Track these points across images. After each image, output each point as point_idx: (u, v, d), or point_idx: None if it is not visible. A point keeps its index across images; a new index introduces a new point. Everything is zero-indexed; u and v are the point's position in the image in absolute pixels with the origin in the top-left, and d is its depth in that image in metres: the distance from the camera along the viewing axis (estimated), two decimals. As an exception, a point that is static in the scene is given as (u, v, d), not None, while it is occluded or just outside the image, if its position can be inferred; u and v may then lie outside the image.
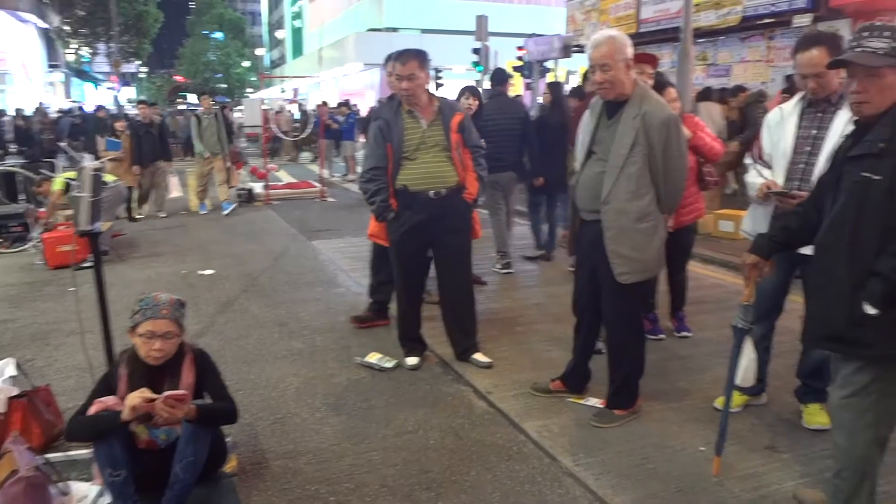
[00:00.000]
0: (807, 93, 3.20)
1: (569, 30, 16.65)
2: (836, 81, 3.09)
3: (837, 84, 3.09)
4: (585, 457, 3.20)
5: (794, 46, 3.21)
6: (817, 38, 3.09)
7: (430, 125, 4.04)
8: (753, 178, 3.38)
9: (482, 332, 4.57)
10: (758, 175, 3.36)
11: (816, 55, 3.03)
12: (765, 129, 3.42)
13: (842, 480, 2.47)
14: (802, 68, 3.11)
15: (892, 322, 2.22)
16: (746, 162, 3.55)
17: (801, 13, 10.56)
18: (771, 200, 3.26)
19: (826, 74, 3.04)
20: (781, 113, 3.34)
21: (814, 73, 3.07)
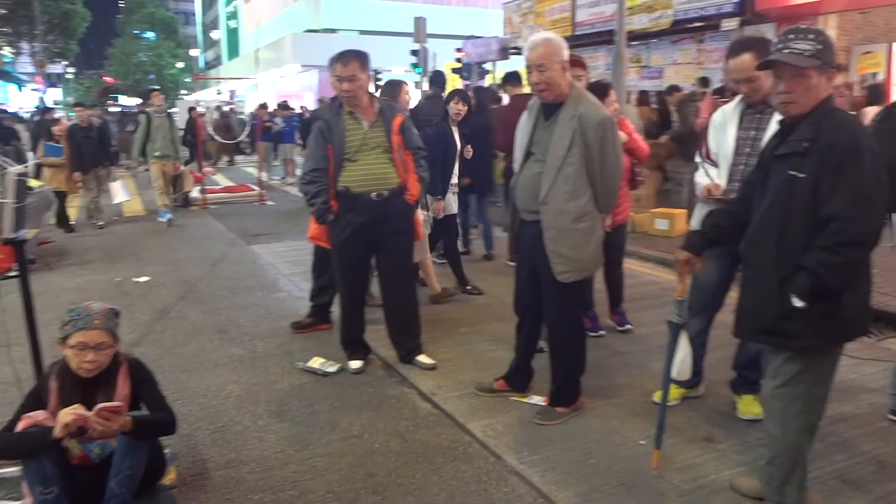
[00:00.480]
0: (743, 96, 3.32)
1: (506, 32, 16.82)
2: (769, 84, 3.21)
3: (770, 86, 3.22)
4: (530, 454, 3.23)
5: (726, 52, 3.32)
6: (747, 44, 3.21)
7: (371, 127, 4.02)
8: (701, 177, 3.49)
9: (426, 334, 4.56)
10: (704, 175, 3.47)
11: (748, 60, 3.14)
12: (711, 130, 3.53)
13: (775, 468, 2.57)
14: (735, 73, 3.22)
15: (818, 314, 2.33)
16: (696, 161, 3.66)
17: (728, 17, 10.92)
18: (713, 203, 3.36)
19: (758, 78, 3.16)
20: (724, 115, 3.45)
21: (746, 78, 3.19)
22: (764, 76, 3.15)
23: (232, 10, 51.30)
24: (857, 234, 2.25)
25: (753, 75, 3.15)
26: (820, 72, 2.35)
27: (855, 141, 2.29)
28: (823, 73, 2.36)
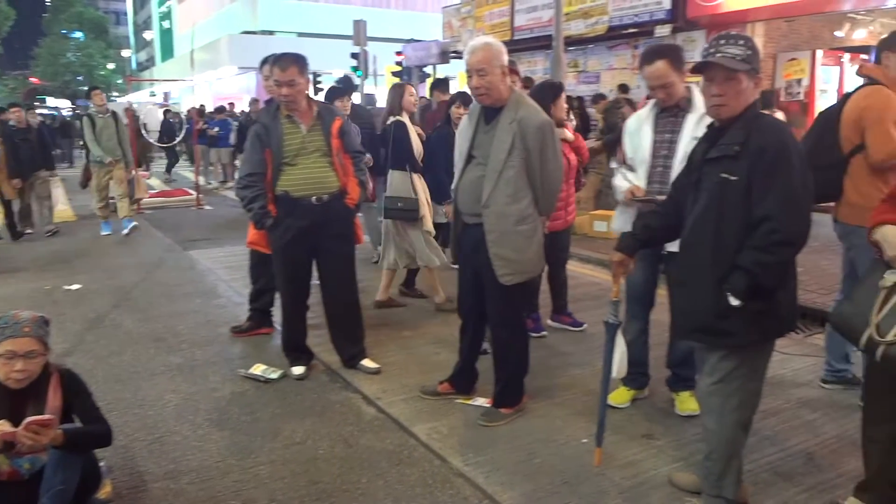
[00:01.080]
0: (658, 101, 3.42)
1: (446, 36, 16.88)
2: (682, 88, 3.33)
3: (684, 90, 3.33)
4: (475, 456, 3.25)
5: (639, 59, 3.42)
6: (660, 51, 3.31)
7: (309, 130, 3.98)
8: (620, 181, 3.57)
9: (369, 338, 4.54)
10: (623, 179, 3.55)
11: (661, 67, 3.26)
12: (626, 136, 3.63)
13: (712, 462, 2.65)
14: (650, 80, 3.33)
15: (753, 312, 2.41)
16: (612, 166, 3.75)
17: (661, 24, 11.22)
18: (634, 204, 3.45)
19: (673, 84, 3.28)
20: (638, 120, 3.56)
21: (660, 84, 3.29)
22: (678, 82, 3.27)
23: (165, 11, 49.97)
24: (789, 234, 2.34)
25: (668, 81, 3.27)
26: (749, 76, 2.44)
27: (784, 144, 2.38)
28: (752, 77, 2.45)
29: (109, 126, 8.93)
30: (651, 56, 3.30)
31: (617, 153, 3.73)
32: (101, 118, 8.92)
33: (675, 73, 3.28)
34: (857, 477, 2.80)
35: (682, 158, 3.27)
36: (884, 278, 2.25)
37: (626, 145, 3.62)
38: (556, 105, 4.49)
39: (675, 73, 3.28)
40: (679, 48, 3.40)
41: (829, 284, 5.66)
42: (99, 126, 8.85)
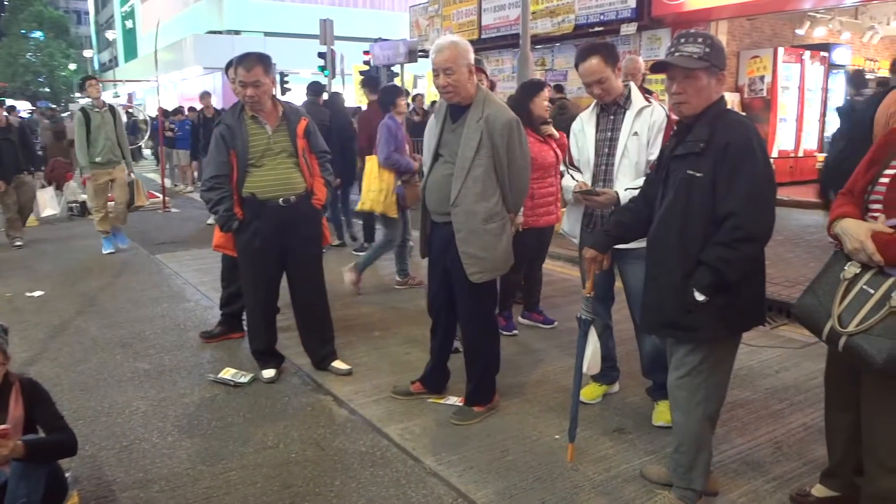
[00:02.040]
0: (596, 99, 3.46)
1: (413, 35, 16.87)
2: (619, 84, 3.37)
3: (621, 87, 3.38)
4: (448, 455, 3.25)
5: (574, 58, 3.47)
6: (594, 49, 3.35)
7: (275, 131, 3.94)
8: (568, 181, 3.61)
9: (340, 339, 4.52)
10: (571, 179, 3.59)
11: (595, 64, 3.30)
12: (572, 138, 3.68)
13: (681, 455, 2.68)
14: (585, 77, 3.37)
15: (719, 307, 2.45)
16: (561, 169, 3.79)
17: (627, 22, 11.34)
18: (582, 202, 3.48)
19: (608, 79, 3.33)
20: (581, 121, 3.60)
21: (596, 80, 3.33)
22: (613, 78, 3.31)
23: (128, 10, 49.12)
24: (752, 230, 2.38)
25: (603, 76, 3.31)
26: (709, 73, 2.47)
27: (748, 140, 2.42)
28: (713, 75, 2.49)
29: (107, 123, 7.72)
30: (585, 54, 3.35)
31: (564, 156, 3.78)
32: (98, 113, 7.69)
33: (609, 69, 3.32)
34: (823, 464, 2.86)
35: (622, 154, 3.33)
36: (844, 270, 2.29)
37: (572, 147, 3.66)
38: (535, 102, 4.53)
39: (609, 69, 3.32)
40: (612, 45, 3.46)
41: (794, 277, 5.77)
42: (95, 123, 7.64)
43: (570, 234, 3.72)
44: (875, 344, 2.14)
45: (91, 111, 7.67)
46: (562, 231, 3.89)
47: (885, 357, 2.12)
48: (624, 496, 2.89)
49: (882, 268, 2.20)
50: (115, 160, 7.84)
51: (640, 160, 3.34)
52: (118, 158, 7.85)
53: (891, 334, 2.11)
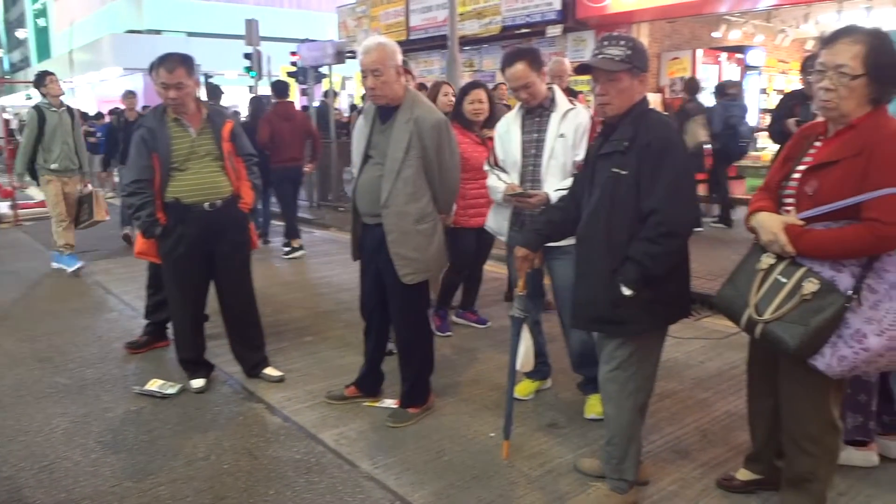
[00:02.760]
0: (522, 103, 3.52)
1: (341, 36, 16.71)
2: (544, 88, 3.44)
3: (546, 90, 3.45)
4: (384, 458, 3.23)
5: (500, 62, 3.53)
6: (519, 54, 3.42)
7: (199, 134, 3.84)
8: (494, 182, 3.65)
9: (271, 346, 4.44)
10: (497, 179, 3.63)
11: (521, 69, 3.37)
12: (496, 139, 3.72)
13: (612, 447, 2.74)
14: (511, 81, 3.44)
15: (646, 301, 2.52)
16: (485, 168, 3.83)
17: (552, 24, 11.53)
18: (511, 201, 3.53)
19: (534, 84, 3.40)
20: (507, 123, 3.66)
21: (522, 84, 3.40)
22: (539, 82, 3.39)
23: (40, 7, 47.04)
24: (675, 226, 2.47)
25: (529, 81, 3.38)
26: (631, 75, 2.55)
27: (669, 139, 2.51)
28: (635, 76, 2.56)
29: (65, 124, 6.82)
30: (511, 59, 3.41)
31: (489, 157, 3.82)
32: (55, 113, 6.76)
33: (535, 74, 3.39)
34: (747, 449, 2.97)
35: (550, 156, 3.39)
36: (760, 261, 2.39)
37: (497, 148, 3.71)
38: (463, 104, 4.59)
39: (535, 74, 3.39)
40: (537, 50, 3.54)
41: (716, 270, 5.98)
42: (51, 124, 6.72)
43: (497, 232, 3.79)
44: (789, 330, 2.24)
45: (47, 110, 6.70)
46: (487, 228, 3.94)
47: (797, 342, 2.22)
48: (559, 490, 2.94)
49: (794, 258, 2.31)
50: (73, 168, 6.91)
51: (566, 161, 3.41)
52: (75, 166, 6.93)
53: (803, 321, 2.22)
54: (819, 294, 2.21)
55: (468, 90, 4.64)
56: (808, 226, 2.28)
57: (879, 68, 2.20)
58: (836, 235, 2.22)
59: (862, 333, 2.17)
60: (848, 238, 2.19)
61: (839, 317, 2.19)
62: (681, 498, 2.87)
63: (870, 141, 2.20)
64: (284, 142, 7.60)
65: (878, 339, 2.16)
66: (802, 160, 2.43)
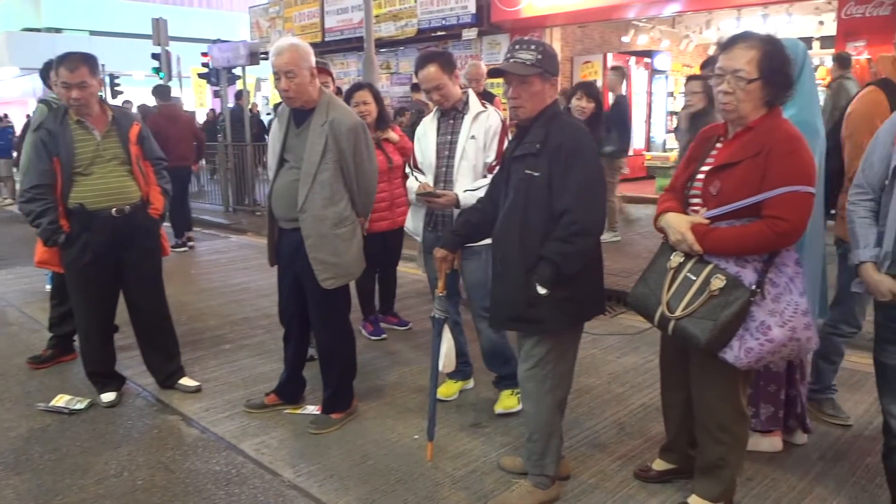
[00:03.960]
0: (436, 105, 3.56)
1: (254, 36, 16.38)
2: (458, 91, 3.49)
3: (459, 93, 3.50)
4: (307, 466, 3.18)
5: (414, 65, 3.57)
6: (432, 57, 3.46)
7: (104, 136, 3.68)
8: (412, 183, 3.69)
9: (187, 355, 4.30)
10: (415, 181, 3.67)
11: (433, 71, 3.41)
12: (416, 141, 3.76)
13: (533, 443, 2.79)
14: (424, 83, 3.48)
15: (560, 299, 2.57)
16: (407, 171, 3.86)
17: (468, 27, 11.66)
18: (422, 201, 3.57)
19: (446, 86, 3.44)
20: (424, 126, 3.70)
21: (434, 87, 3.45)
22: (451, 85, 3.44)
23: (-77, 3, 43.98)
24: (586, 225, 2.54)
25: (441, 83, 3.43)
26: (542, 79, 2.60)
27: (579, 141, 2.58)
28: (546, 80, 2.62)
29: None
30: (424, 61, 3.44)
31: (409, 159, 3.85)
32: None
33: (447, 76, 3.43)
34: (661, 440, 3.08)
35: (461, 157, 3.44)
36: (670, 260, 2.48)
37: (416, 151, 3.74)
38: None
39: (447, 76, 3.43)
40: (450, 54, 3.59)
41: (629, 268, 6.18)
42: None
43: (414, 233, 3.81)
44: (699, 325, 2.34)
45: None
46: (406, 229, 3.96)
47: (708, 336, 2.32)
48: (483, 489, 2.97)
49: (702, 256, 2.41)
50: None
51: (477, 163, 3.46)
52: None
53: (712, 316, 2.32)
54: (726, 289, 2.32)
55: (352, 92, 4.54)
56: (713, 224, 2.39)
57: (773, 72, 2.33)
58: (740, 233, 2.33)
59: (766, 325, 2.29)
60: (750, 235, 2.31)
61: (745, 310, 2.30)
62: (600, 490, 2.94)
63: (767, 142, 2.32)
64: (170, 142, 7.44)
65: (781, 330, 2.29)
66: (706, 161, 2.54)
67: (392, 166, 4.57)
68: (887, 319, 2.31)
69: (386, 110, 4.71)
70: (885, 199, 2.29)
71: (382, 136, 4.56)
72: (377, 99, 4.57)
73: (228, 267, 7.36)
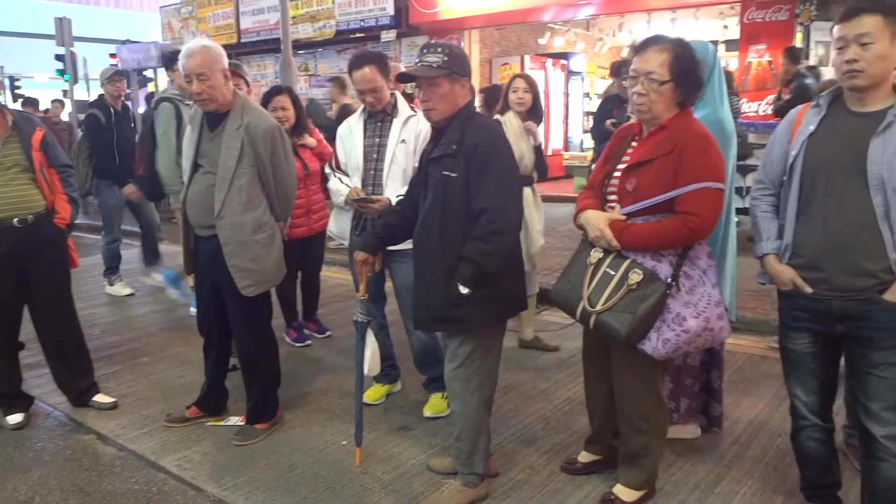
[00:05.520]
0: (366, 106, 3.54)
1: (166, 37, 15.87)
2: (388, 94, 3.48)
3: (389, 96, 3.50)
4: (232, 479, 3.09)
5: (348, 65, 3.53)
6: (367, 57, 3.44)
7: (4, 143, 3.48)
8: (336, 185, 3.65)
9: (101, 371, 4.12)
10: (339, 182, 3.63)
11: (369, 72, 3.39)
12: (338, 142, 3.71)
13: (461, 442, 2.80)
14: (359, 84, 3.44)
15: (482, 298, 2.60)
16: (326, 172, 3.81)
17: (386, 29, 11.62)
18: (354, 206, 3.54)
19: (381, 88, 3.43)
20: (349, 126, 3.66)
21: (369, 88, 3.42)
22: (384, 87, 3.43)
23: None
24: (504, 224, 2.57)
25: (377, 85, 3.41)
26: (450, 80, 2.62)
27: (493, 142, 2.61)
28: (455, 81, 2.63)
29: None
30: (359, 62, 3.41)
31: (330, 160, 3.80)
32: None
33: (382, 78, 3.42)
34: (586, 433, 3.14)
35: (391, 161, 3.43)
36: (590, 256, 2.54)
37: (339, 151, 3.70)
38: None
39: (382, 78, 3.42)
40: (384, 55, 3.57)
41: (551, 265, 6.28)
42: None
43: (339, 236, 3.77)
44: (619, 319, 2.41)
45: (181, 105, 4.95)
46: (329, 232, 3.91)
47: (627, 329, 2.39)
48: (413, 491, 2.96)
49: (620, 251, 2.48)
50: None
51: (407, 167, 3.44)
52: None
53: (631, 309, 2.39)
54: (643, 283, 2.39)
55: (269, 97, 4.42)
56: (630, 220, 2.46)
57: (684, 74, 2.43)
58: (655, 228, 2.41)
59: (682, 317, 2.38)
60: (665, 230, 2.39)
61: (662, 303, 2.38)
62: (529, 485, 2.98)
63: (679, 140, 2.41)
64: None
65: (696, 321, 2.38)
66: (622, 159, 2.61)
67: (309, 173, 4.48)
68: (789, 307, 2.43)
69: (304, 115, 4.62)
70: (784, 194, 2.41)
71: (299, 141, 4.47)
72: (296, 104, 4.48)
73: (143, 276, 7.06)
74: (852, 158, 2.19)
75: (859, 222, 2.19)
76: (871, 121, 2.18)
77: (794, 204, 2.34)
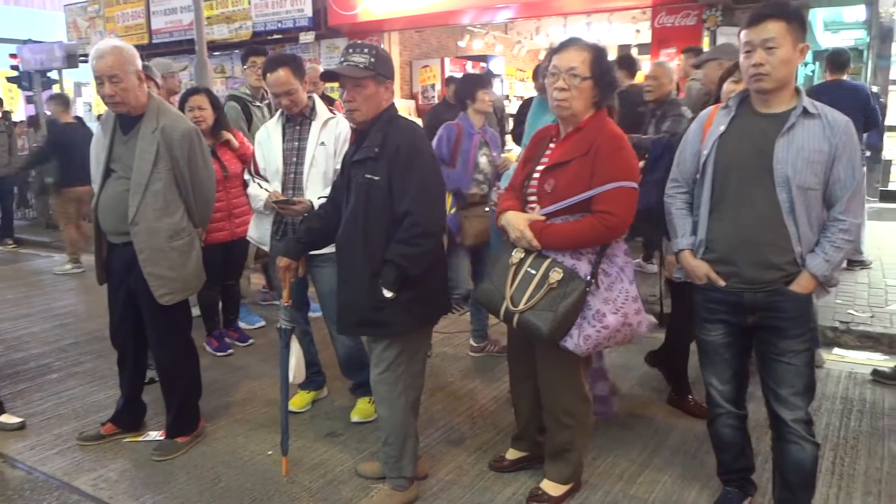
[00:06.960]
0: (283, 109, 3.50)
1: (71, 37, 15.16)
2: (305, 96, 3.45)
3: (306, 99, 3.47)
4: (152, 496, 2.98)
5: (262, 68, 3.49)
6: (281, 60, 3.40)
7: None
8: (256, 190, 3.59)
9: (6, 389, 3.92)
10: (259, 188, 3.57)
11: (283, 75, 3.34)
12: (257, 146, 3.66)
13: (389, 446, 2.79)
14: (273, 87, 3.40)
15: (406, 301, 2.60)
16: (246, 178, 3.74)
17: (305, 31, 11.46)
18: (274, 209, 3.49)
19: (297, 91, 3.39)
20: (267, 131, 3.61)
21: (284, 91, 3.37)
22: (301, 89, 3.40)
23: None
24: (427, 226, 2.57)
25: (292, 88, 3.37)
26: (376, 82, 2.61)
27: (415, 144, 2.61)
28: (380, 83, 2.63)
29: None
30: (273, 65, 3.37)
31: (250, 165, 3.73)
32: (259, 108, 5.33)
33: (297, 81, 3.38)
34: (513, 430, 3.19)
35: (311, 164, 3.40)
36: (511, 256, 2.58)
37: (257, 156, 3.64)
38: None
39: (297, 81, 3.38)
40: (299, 58, 3.53)
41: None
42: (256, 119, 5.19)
43: (259, 242, 3.70)
44: (541, 317, 2.45)
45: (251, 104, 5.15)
46: (249, 238, 3.83)
47: (549, 327, 2.44)
48: (342, 497, 2.93)
49: (541, 251, 2.53)
50: None
51: (327, 169, 3.41)
52: None
53: (552, 307, 2.44)
54: (563, 282, 2.44)
55: (187, 97, 4.33)
56: (549, 221, 2.51)
57: (602, 74, 2.50)
58: (574, 228, 2.47)
59: (602, 313, 2.45)
60: (583, 229, 2.46)
61: (582, 300, 2.44)
62: (458, 486, 3.00)
63: (595, 141, 2.47)
64: None
65: (615, 317, 2.46)
66: (541, 161, 2.66)
67: (228, 175, 4.37)
68: (704, 300, 2.54)
69: (224, 116, 4.51)
70: (697, 192, 2.51)
71: (218, 142, 4.36)
72: (214, 104, 4.37)
73: (52, 288, 6.75)
74: (760, 157, 2.30)
75: (767, 218, 2.30)
76: (777, 122, 2.30)
77: (706, 201, 2.44)
